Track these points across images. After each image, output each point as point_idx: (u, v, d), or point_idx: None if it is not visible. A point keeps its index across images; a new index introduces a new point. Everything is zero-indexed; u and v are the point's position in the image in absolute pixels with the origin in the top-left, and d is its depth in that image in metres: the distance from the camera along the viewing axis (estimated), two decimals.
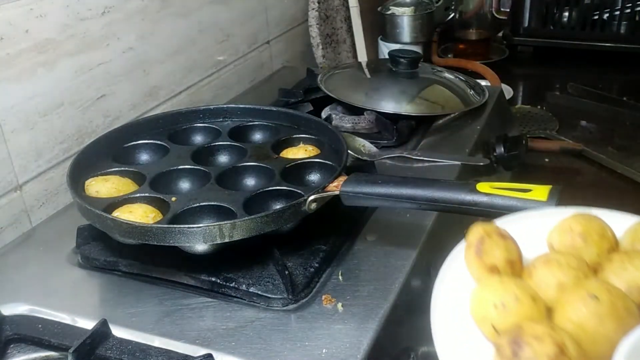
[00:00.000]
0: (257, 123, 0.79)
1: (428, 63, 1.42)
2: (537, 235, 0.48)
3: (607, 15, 1.52)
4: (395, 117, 0.89)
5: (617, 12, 1.51)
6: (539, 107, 1.32)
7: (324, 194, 0.59)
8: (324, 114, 0.94)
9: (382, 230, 0.67)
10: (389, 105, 0.91)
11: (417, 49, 1.39)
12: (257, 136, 0.78)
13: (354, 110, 0.93)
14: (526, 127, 1.21)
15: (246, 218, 0.56)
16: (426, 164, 0.81)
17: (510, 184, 0.54)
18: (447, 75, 1.03)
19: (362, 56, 1.40)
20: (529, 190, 0.52)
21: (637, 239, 0.47)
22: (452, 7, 1.80)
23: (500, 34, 1.68)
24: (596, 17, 1.53)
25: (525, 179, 1.02)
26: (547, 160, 1.11)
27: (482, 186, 0.54)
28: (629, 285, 0.41)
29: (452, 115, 0.93)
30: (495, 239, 0.45)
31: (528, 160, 1.09)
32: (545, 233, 0.48)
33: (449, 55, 1.61)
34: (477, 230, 0.46)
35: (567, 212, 0.49)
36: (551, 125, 1.22)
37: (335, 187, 0.60)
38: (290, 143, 0.75)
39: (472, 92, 1.00)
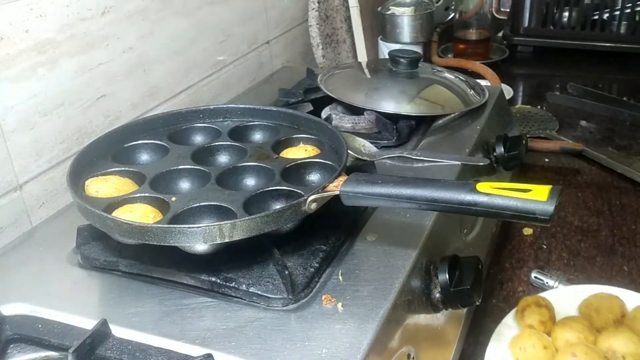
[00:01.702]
0: (257, 123, 0.79)
1: (428, 63, 1.42)
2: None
3: (607, 15, 1.52)
4: (395, 117, 0.89)
5: (617, 12, 1.52)
6: (539, 107, 1.32)
7: (324, 194, 0.59)
8: (323, 114, 0.94)
9: (382, 230, 0.67)
10: (389, 105, 0.91)
11: (417, 49, 1.39)
12: (257, 136, 0.78)
13: (354, 110, 0.93)
14: (526, 127, 1.22)
15: (246, 218, 0.56)
16: (426, 164, 0.81)
17: (511, 184, 0.54)
18: (447, 75, 1.03)
19: (362, 56, 1.40)
20: (529, 190, 0.52)
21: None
22: (452, 7, 1.81)
23: (500, 34, 1.69)
24: (596, 17, 1.53)
25: (525, 179, 1.02)
26: (547, 160, 1.11)
27: (482, 186, 0.54)
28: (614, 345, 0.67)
29: (452, 115, 0.93)
30: (532, 307, 0.72)
31: (528, 160, 1.09)
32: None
33: (449, 55, 1.61)
34: (523, 301, 0.73)
35: (595, 289, 0.76)
36: (551, 125, 1.23)
37: (335, 187, 0.60)
38: (290, 143, 0.75)
39: (472, 92, 1.00)
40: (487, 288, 0.79)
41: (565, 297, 0.76)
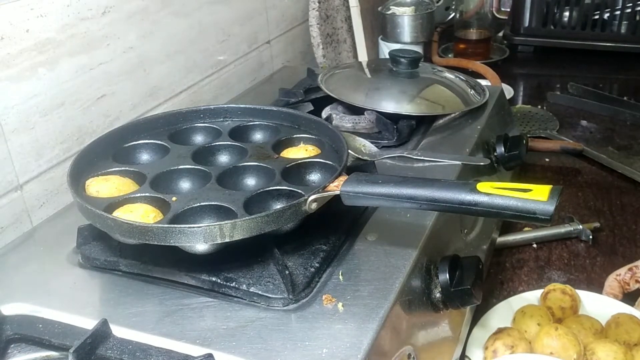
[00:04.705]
0: (257, 123, 0.79)
1: (429, 63, 1.42)
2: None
3: (607, 15, 1.52)
4: (395, 117, 0.89)
5: (618, 12, 1.52)
6: (539, 106, 1.32)
7: (325, 194, 0.59)
8: (324, 114, 0.94)
9: (382, 230, 0.67)
10: (390, 105, 0.90)
11: (417, 48, 1.40)
12: (258, 136, 0.78)
13: (355, 110, 0.93)
14: (527, 127, 1.22)
15: (247, 218, 0.56)
16: (427, 164, 0.81)
17: (511, 184, 0.54)
18: (448, 75, 1.03)
19: (363, 56, 1.40)
20: (530, 190, 0.52)
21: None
22: (453, 7, 1.81)
23: (500, 34, 1.69)
24: (597, 17, 1.53)
25: (525, 178, 1.02)
26: (547, 160, 1.11)
27: (483, 186, 0.54)
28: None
29: (453, 115, 0.93)
30: (557, 292, 0.76)
31: (529, 160, 1.09)
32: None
33: (450, 55, 1.61)
34: (550, 286, 0.77)
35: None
36: (552, 125, 1.23)
37: (336, 186, 0.60)
38: (290, 143, 0.75)
39: (472, 91, 1.00)
40: (487, 288, 0.79)
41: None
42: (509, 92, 1.32)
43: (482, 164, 0.81)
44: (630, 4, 1.50)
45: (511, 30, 1.63)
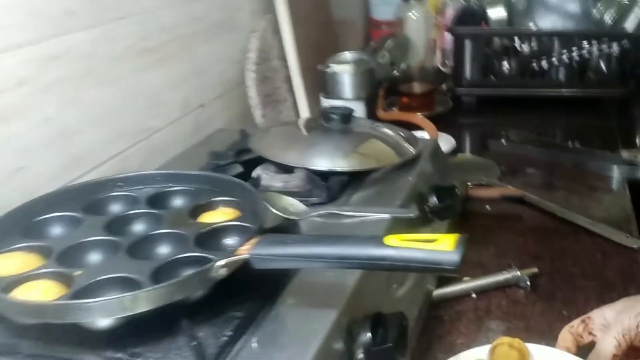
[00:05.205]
0: (177, 188, 0.77)
1: (371, 118, 1.43)
2: None
3: (545, 63, 1.55)
4: (327, 174, 0.88)
5: (554, 60, 1.55)
6: (481, 155, 1.32)
7: (234, 259, 0.57)
8: (254, 175, 0.92)
9: (303, 291, 0.64)
10: (320, 162, 0.89)
11: (359, 104, 1.41)
12: (177, 202, 0.76)
13: (287, 169, 0.91)
14: (468, 175, 1.21)
15: (149, 289, 0.54)
16: (356, 220, 0.79)
17: (418, 234, 0.52)
18: (382, 129, 1.03)
19: (305, 114, 1.40)
20: (435, 240, 0.50)
21: None
22: (398, 64, 1.84)
23: (444, 86, 1.71)
24: (535, 65, 1.57)
25: (466, 227, 1.01)
26: (488, 207, 1.10)
27: (390, 239, 0.52)
28: None
29: (386, 169, 0.92)
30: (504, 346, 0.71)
31: (470, 208, 1.08)
32: None
33: (394, 109, 1.62)
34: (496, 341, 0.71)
35: None
36: (493, 172, 1.22)
37: (246, 250, 0.57)
38: (209, 207, 0.73)
39: (406, 144, 0.99)
40: (425, 342, 0.77)
41: None
42: (450, 142, 1.33)
43: (411, 215, 0.80)
44: (565, 51, 1.53)
45: (454, 83, 1.66)
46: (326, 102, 1.43)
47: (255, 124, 1.29)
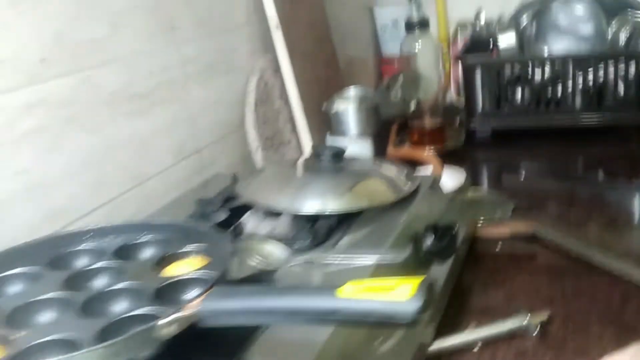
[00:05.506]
0: (146, 239, 0.72)
1: (380, 155, 1.38)
2: None
3: (560, 91, 1.49)
4: (315, 218, 0.83)
5: (570, 86, 1.48)
6: (495, 190, 1.25)
7: (180, 315, 0.52)
8: (242, 220, 0.88)
9: (270, 350, 0.58)
10: (305, 205, 0.84)
11: (365, 141, 1.36)
12: (146, 253, 0.71)
13: (276, 214, 0.87)
14: (478, 212, 1.14)
15: (83, 351, 0.49)
16: (341, 266, 0.73)
17: (380, 280, 0.46)
18: (379, 167, 0.98)
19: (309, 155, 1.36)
20: (393, 288, 0.44)
21: None
22: (410, 100, 1.79)
23: (457, 120, 1.65)
24: (550, 92, 1.50)
25: (471, 270, 0.94)
26: (498, 247, 1.03)
27: (345, 289, 0.46)
28: None
29: (378, 208, 0.87)
30: None
31: (479, 248, 1.01)
32: None
33: (405, 145, 1.56)
34: None
35: None
36: (506, 208, 1.15)
37: (196, 305, 0.52)
38: (178, 257, 0.68)
39: (404, 181, 0.94)
40: None
41: None
42: (460, 176, 1.26)
43: (397, 260, 0.74)
44: (581, 75, 1.46)
45: (467, 116, 1.59)
46: (332, 141, 1.38)
47: (256, 169, 1.25)
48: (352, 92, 1.43)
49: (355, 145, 1.33)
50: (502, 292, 0.90)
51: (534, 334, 0.79)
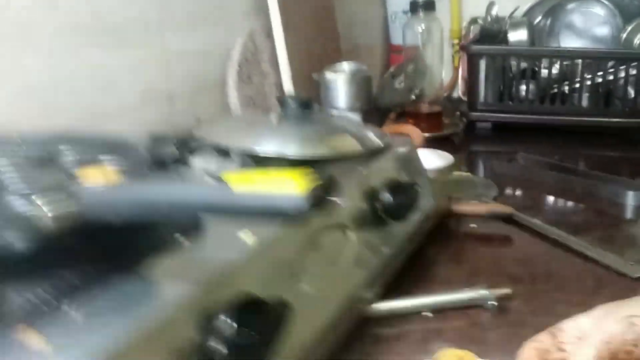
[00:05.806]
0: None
1: None
2: None
3: (567, 87, 1.41)
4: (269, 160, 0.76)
5: (578, 85, 1.40)
6: (482, 175, 1.17)
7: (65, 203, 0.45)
8: (192, 157, 0.81)
9: (172, 265, 0.51)
10: (262, 146, 0.77)
11: (354, 115, 1.29)
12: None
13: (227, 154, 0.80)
14: (459, 192, 1.06)
15: None
16: None
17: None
18: (350, 121, 0.91)
19: None
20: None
21: None
22: (416, 90, 1.72)
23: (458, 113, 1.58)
24: (555, 90, 1.42)
25: (439, 243, 0.87)
26: (473, 225, 0.95)
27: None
28: None
29: (340, 161, 0.79)
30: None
31: (453, 225, 0.94)
32: None
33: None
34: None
35: None
36: (490, 192, 1.08)
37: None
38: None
39: (375, 139, 0.87)
40: None
41: None
42: (447, 159, 1.18)
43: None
44: (590, 76, 1.38)
45: (468, 107, 1.52)
46: None
47: None
48: (346, 65, 1.36)
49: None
50: (467, 267, 0.83)
51: (490, 307, 0.71)
